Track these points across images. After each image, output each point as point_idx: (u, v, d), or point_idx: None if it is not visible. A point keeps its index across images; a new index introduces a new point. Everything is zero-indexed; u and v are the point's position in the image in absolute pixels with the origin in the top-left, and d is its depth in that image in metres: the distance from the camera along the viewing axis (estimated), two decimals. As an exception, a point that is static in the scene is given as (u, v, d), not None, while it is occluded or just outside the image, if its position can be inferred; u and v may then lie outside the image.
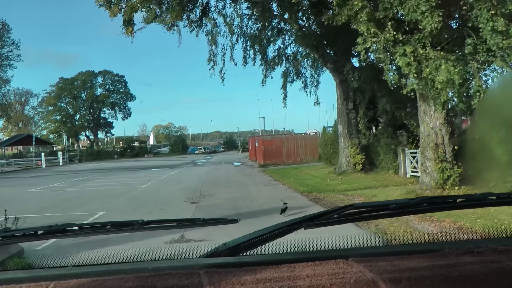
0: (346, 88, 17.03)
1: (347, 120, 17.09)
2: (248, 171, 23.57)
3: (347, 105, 17.08)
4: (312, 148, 27.72)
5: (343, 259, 1.00)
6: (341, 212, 1.15)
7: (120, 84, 78.49)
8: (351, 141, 17.02)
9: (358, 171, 16.84)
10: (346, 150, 17.10)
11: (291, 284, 0.87)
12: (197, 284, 0.87)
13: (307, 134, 29.17)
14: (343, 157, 17.24)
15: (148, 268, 0.96)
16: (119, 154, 56.64)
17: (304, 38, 15.96)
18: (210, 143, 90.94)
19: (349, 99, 17.09)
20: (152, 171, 27.68)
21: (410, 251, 1.06)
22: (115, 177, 22.64)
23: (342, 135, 17.28)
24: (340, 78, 16.93)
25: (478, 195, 1.19)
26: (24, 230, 1.14)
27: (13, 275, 0.95)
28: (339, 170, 17.26)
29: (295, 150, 27.60)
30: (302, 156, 27.52)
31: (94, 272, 0.95)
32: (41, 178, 24.60)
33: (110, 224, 1.18)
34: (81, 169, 33.58)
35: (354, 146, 16.93)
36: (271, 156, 27.27)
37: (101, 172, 27.97)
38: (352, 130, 17.15)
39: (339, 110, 17.29)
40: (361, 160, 16.85)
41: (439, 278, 0.89)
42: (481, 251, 1.03)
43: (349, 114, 17.12)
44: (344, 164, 17.17)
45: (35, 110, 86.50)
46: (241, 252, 1.10)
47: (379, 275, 0.89)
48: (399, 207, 1.16)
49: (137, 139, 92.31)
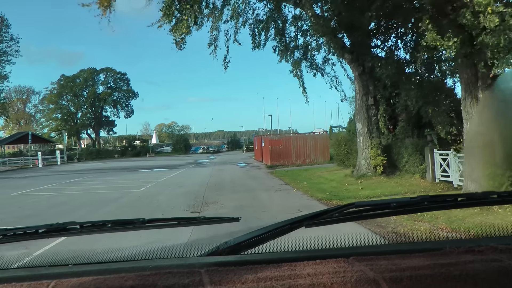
0: (366, 82, 15.28)
1: (367, 118, 15.32)
2: (255, 173, 21.83)
3: (367, 101, 15.31)
4: (322, 148, 25.97)
5: (344, 258, 1.00)
6: (342, 211, 1.14)
7: (122, 81, 77.71)
8: (371, 140, 15.26)
9: (379, 174, 15.09)
10: (366, 151, 15.34)
11: (292, 282, 0.87)
12: (198, 282, 0.87)
13: (316, 134, 27.36)
14: (362, 158, 15.47)
15: (149, 267, 0.95)
16: (120, 153, 54.98)
17: (320, 25, 14.20)
18: (214, 142, 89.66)
19: (369, 93, 15.33)
20: (152, 172, 26.03)
21: (411, 250, 1.05)
22: (112, 179, 20.99)
23: (361, 134, 15.51)
24: (360, 71, 15.18)
25: (479, 194, 1.18)
26: (25, 229, 1.13)
27: (14, 274, 0.95)
28: (358, 173, 15.51)
29: (305, 150, 25.84)
30: (312, 157, 25.77)
31: (95, 271, 0.95)
32: (32, 179, 23.02)
33: (111, 222, 1.19)
34: (79, 169, 32.00)
35: (375, 147, 15.17)
36: (279, 157, 25.52)
37: (98, 173, 26.36)
38: (373, 129, 15.38)
39: (358, 106, 15.52)
40: (382, 162, 15.10)
41: (440, 277, 0.89)
42: (482, 249, 1.02)
43: (369, 110, 15.35)
44: (364, 167, 15.41)
45: (37, 108, 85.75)
46: (242, 251, 1.10)
47: (380, 274, 0.89)
48: (400, 205, 1.17)
49: (139, 138, 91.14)
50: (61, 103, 72.60)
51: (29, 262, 1.21)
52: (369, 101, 15.33)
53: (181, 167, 29.60)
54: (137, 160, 45.69)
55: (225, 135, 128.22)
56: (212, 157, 47.79)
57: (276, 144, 25.71)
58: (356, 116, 15.67)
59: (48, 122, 75.34)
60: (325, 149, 25.93)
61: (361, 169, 15.52)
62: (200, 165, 31.59)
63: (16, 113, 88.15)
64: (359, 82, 15.32)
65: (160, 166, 31.68)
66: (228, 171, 24.21)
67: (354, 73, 15.46)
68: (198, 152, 62.67)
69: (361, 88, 15.33)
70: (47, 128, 75.72)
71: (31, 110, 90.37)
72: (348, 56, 15.22)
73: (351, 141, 19.60)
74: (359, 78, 15.29)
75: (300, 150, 25.76)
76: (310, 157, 25.73)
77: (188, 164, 33.02)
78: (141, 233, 1.44)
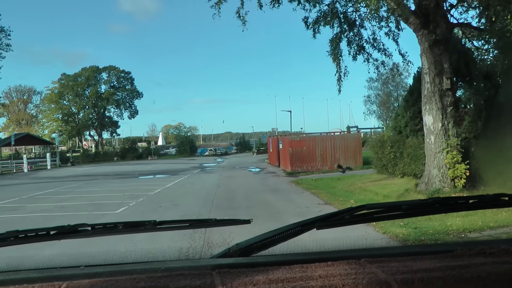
0: (439, 57, 10.66)
1: (441, 108, 10.67)
2: (274, 182, 17.21)
3: (441, 83, 10.67)
4: (354, 151, 21.32)
5: (356, 259, 0.99)
6: (353, 213, 1.14)
7: (126, 80, 74.71)
8: (446, 141, 10.62)
9: (460, 189, 10.47)
10: (440, 156, 10.67)
11: (304, 284, 0.87)
12: (209, 284, 0.87)
13: (345, 133, 22.62)
14: (435, 167, 10.80)
15: (161, 269, 0.95)
16: (121, 156, 50.66)
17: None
18: (221, 144, 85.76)
19: (444, 73, 10.70)
20: (148, 179, 21.62)
21: (423, 252, 1.05)
22: (95, 190, 16.61)
23: (432, 132, 10.85)
24: (431, 41, 10.58)
25: (491, 196, 1.18)
26: (37, 231, 1.13)
27: (25, 275, 0.94)
28: (428, 188, 10.86)
29: (332, 153, 21.18)
30: (340, 162, 21.11)
31: (107, 272, 0.94)
32: (1, 188, 18.76)
33: (122, 224, 1.18)
34: (67, 175, 27.74)
35: (454, 150, 10.53)
36: (301, 161, 20.90)
37: (86, 180, 22.04)
38: (448, 124, 10.74)
39: (427, 92, 10.88)
40: (464, 173, 10.46)
41: (451, 279, 0.89)
42: (494, 252, 1.02)
43: (444, 97, 10.71)
44: (436, 179, 10.75)
45: (38, 109, 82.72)
46: (253, 253, 1.09)
47: (391, 276, 0.89)
48: (412, 208, 1.16)
49: (145, 140, 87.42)
50: (62, 103, 69.53)
51: (41, 263, 1.13)
52: (444, 84, 10.69)
53: (183, 173, 25.12)
54: (137, 163, 41.24)
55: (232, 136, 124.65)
56: (219, 160, 43.23)
57: (298, 146, 21.02)
58: (425, 106, 10.98)
59: (49, 123, 72.28)
60: (357, 152, 21.28)
61: (432, 181, 10.86)
62: (205, 171, 27.04)
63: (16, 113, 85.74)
64: (429, 57, 10.68)
65: (160, 171, 27.25)
66: (239, 178, 19.65)
67: (422, 45, 10.83)
68: (204, 154, 58.09)
69: (432, 66, 10.69)
70: (48, 129, 72.63)
71: (32, 110, 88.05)
72: (414, 21, 10.62)
73: (400, 142, 15.01)
74: (430, 51, 10.65)
75: (327, 153, 21.11)
76: (339, 162, 21.08)
77: (191, 169, 28.52)
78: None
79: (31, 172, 31.71)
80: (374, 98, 72.41)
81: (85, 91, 71.22)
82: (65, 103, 70.77)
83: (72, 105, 70.74)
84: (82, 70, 72.78)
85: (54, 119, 70.53)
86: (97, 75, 73.31)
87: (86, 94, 70.91)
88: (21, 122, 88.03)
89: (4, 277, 0.94)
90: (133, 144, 54.54)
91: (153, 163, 41.11)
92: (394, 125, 16.10)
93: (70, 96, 70.08)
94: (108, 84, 73.79)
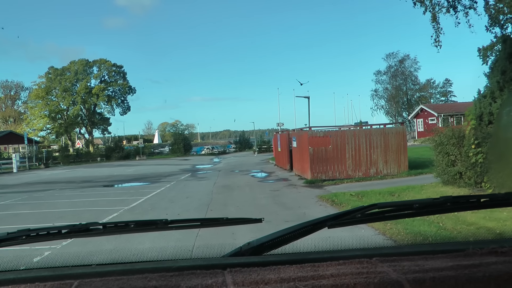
0: None
1: None
2: (294, 199, 11.50)
3: None
4: (396, 150, 15.61)
5: (367, 258, 0.98)
6: (364, 212, 1.13)
7: (118, 75, 69.53)
8: None
9: None
10: None
11: (315, 283, 0.86)
12: (221, 283, 0.86)
13: (386, 127, 16.93)
14: None
15: (172, 267, 0.94)
16: (105, 156, 44.92)
17: None
18: (219, 142, 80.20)
19: None
20: (113, 190, 15.97)
21: (434, 251, 1.03)
22: (27, 211, 11.03)
23: None
24: None
25: (502, 195, 1.16)
26: (48, 229, 1.11)
27: (37, 274, 0.93)
28: None
29: (368, 154, 15.46)
30: (379, 165, 15.42)
31: (118, 271, 0.93)
32: None
33: (134, 223, 1.17)
34: (24, 182, 22.16)
35: None
36: (326, 165, 15.18)
37: (35, 191, 16.42)
38: None
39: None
40: None
41: (463, 278, 0.88)
42: (505, 251, 1.00)
43: None
44: None
45: (26, 105, 77.59)
46: (265, 252, 1.09)
47: (403, 275, 0.88)
48: (423, 206, 1.15)
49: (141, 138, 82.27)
50: (49, 98, 64.21)
51: (52, 262, 1.10)
52: None
53: (167, 179, 19.39)
54: (121, 165, 35.47)
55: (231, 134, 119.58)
56: (216, 160, 37.46)
57: (321, 144, 15.25)
58: None
59: (36, 120, 66.98)
60: (400, 152, 15.58)
61: None
62: (196, 176, 21.26)
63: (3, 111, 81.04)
64: None
65: (139, 177, 21.58)
66: (240, 190, 13.93)
67: None
68: (200, 153, 52.25)
69: None
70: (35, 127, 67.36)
71: (20, 107, 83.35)
72: None
73: (495, 137, 9.36)
74: None
75: (361, 154, 15.39)
76: (377, 166, 15.39)
77: (180, 173, 22.78)
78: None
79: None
80: (382, 92, 66.93)
81: (74, 86, 66.25)
82: (53, 98, 65.54)
83: (60, 100, 65.53)
84: (71, 64, 67.91)
85: (41, 115, 65.27)
86: (87, 69, 68.45)
87: (75, 89, 65.86)
88: (8, 119, 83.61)
89: (16, 275, 0.93)
90: (119, 142, 48.78)
91: (138, 164, 35.33)
92: (478, 111, 10.46)
93: (58, 91, 64.93)
94: (99, 79, 68.77)
